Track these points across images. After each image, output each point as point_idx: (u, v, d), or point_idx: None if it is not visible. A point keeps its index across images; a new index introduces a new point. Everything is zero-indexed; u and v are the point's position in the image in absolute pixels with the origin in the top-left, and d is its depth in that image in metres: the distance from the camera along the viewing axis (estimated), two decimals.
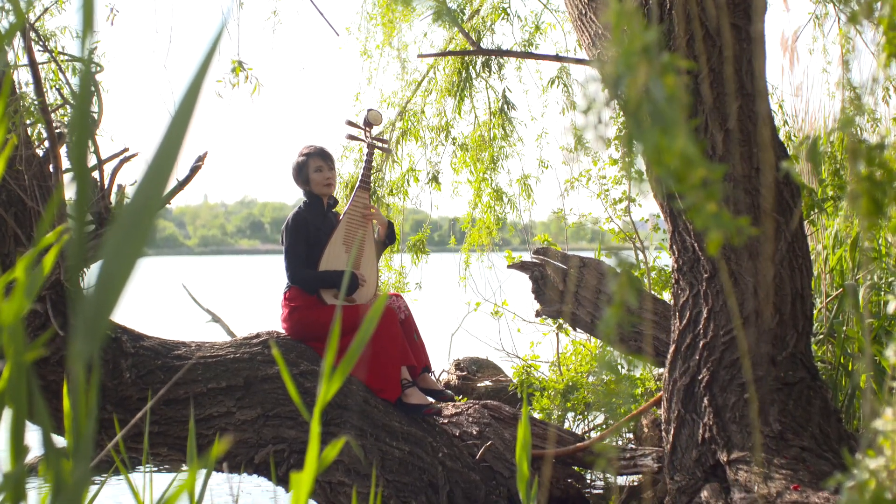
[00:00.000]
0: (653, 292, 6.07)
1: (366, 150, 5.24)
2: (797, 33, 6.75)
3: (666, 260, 6.49)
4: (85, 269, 4.10)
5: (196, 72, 0.79)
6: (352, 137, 5.33)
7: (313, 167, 4.95)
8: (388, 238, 5.17)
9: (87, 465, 0.97)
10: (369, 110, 5.30)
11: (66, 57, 4.53)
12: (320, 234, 4.88)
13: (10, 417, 1.09)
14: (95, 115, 4.35)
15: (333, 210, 5.08)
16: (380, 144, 5.37)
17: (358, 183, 5.13)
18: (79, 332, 0.74)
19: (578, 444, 4.82)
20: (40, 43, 4.40)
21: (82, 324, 0.73)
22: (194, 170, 4.58)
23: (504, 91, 7.74)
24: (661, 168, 0.85)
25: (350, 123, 5.27)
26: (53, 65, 4.48)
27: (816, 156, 1.17)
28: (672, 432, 3.93)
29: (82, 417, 0.93)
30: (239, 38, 5.29)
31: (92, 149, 4.21)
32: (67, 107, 4.41)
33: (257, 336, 4.73)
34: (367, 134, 5.26)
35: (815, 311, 5.12)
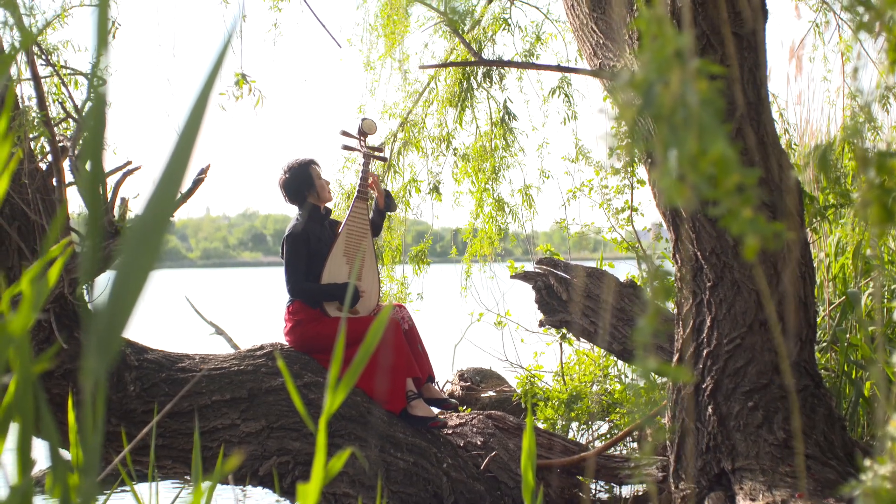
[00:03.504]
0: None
1: (361, 160, 5.19)
2: (803, 42, 6.76)
3: (669, 269, 6.48)
4: (89, 283, 4.09)
5: (201, 89, 0.79)
6: (347, 148, 5.26)
7: (315, 174, 4.93)
8: (388, 207, 5.12)
9: (95, 479, 0.97)
10: (363, 119, 5.22)
11: (69, 71, 4.54)
12: (321, 246, 4.85)
13: (17, 431, 1.09)
14: None
15: (330, 219, 5.05)
16: (376, 154, 5.31)
17: (356, 194, 5.09)
18: (91, 348, 0.74)
19: (583, 454, 4.82)
20: (43, 57, 4.42)
21: (95, 339, 0.74)
22: (197, 182, 4.58)
23: (505, 101, 7.75)
24: (696, 174, 0.85)
25: (345, 133, 5.20)
26: (56, 78, 4.49)
27: (827, 164, 1.17)
28: (676, 441, 3.93)
29: (89, 431, 0.93)
30: (241, 50, 5.30)
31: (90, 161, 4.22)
32: (70, 120, 4.42)
33: (261, 348, 4.73)
34: (363, 143, 5.21)
35: (818, 319, 5.12)
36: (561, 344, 6.40)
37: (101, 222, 0.79)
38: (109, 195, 4.41)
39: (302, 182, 4.89)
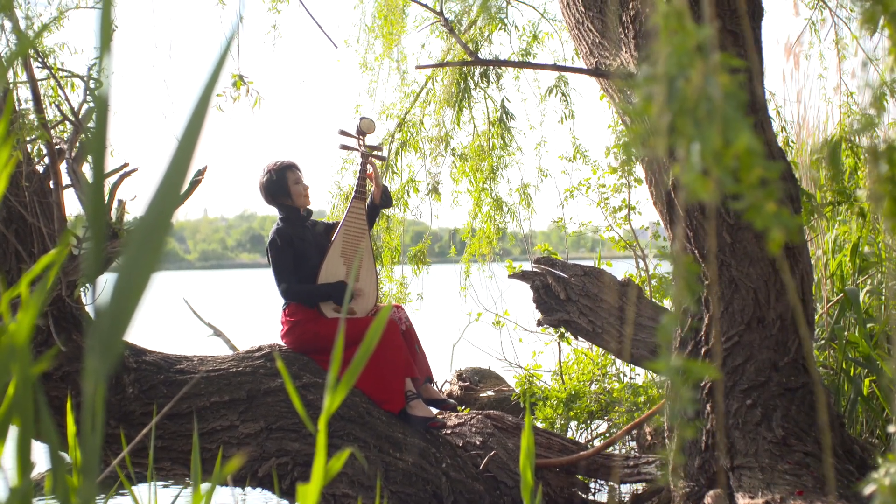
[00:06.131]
0: (653, 300, 6.08)
1: (359, 160, 5.17)
2: (799, 39, 6.77)
3: (667, 267, 6.50)
4: (88, 285, 4.10)
5: (202, 93, 0.80)
6: (345, 147, 5.22)
7: (292, 180, 4.89)
8: (384, 202, 5.10)
9: (94, 481, 0.98)
10: (361, 118, 5.15)
11: (66, 73, 4.53)
12: (305, 246, 4.82)
13: (17, 433, 1.09)
14: None
15: (312, 219, 5.01)
16: (374, 153, 5.28)
17: (353, 194, 5.06)
18: (94, 350, 0.75)
19: (582, 453, 4.82)
20: (39, 60, 4.41)
21: (97, 341, 0.74)
22: (194, 184, 4.57)
23: (503, 101, 7.76)
24: (720, 168, 0.85)
25: (342, 132, 5.15)
26: (52, 81, 4.48)
27: (837, 160, 1.17)
28: (675, 439, 3.93)
29: (89, 433, 0.94)
30: (239, 51, 5.29)
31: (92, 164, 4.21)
32: (67, 123, 4.42)
33: (259, 349, 4.73)
34: (361, 143, 5.16)
35: (816, 317, 5.12)
36: (559, 343, 6.41)
37: (103, 225, 0.79)
38: (107, 197, 4.40)
39: (278, 186, 4.86)
